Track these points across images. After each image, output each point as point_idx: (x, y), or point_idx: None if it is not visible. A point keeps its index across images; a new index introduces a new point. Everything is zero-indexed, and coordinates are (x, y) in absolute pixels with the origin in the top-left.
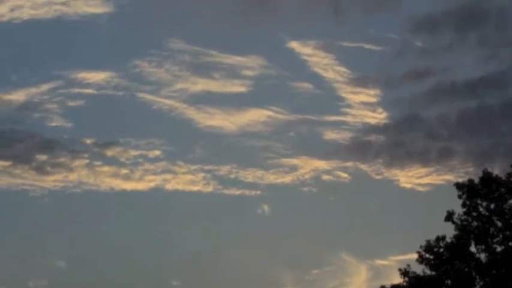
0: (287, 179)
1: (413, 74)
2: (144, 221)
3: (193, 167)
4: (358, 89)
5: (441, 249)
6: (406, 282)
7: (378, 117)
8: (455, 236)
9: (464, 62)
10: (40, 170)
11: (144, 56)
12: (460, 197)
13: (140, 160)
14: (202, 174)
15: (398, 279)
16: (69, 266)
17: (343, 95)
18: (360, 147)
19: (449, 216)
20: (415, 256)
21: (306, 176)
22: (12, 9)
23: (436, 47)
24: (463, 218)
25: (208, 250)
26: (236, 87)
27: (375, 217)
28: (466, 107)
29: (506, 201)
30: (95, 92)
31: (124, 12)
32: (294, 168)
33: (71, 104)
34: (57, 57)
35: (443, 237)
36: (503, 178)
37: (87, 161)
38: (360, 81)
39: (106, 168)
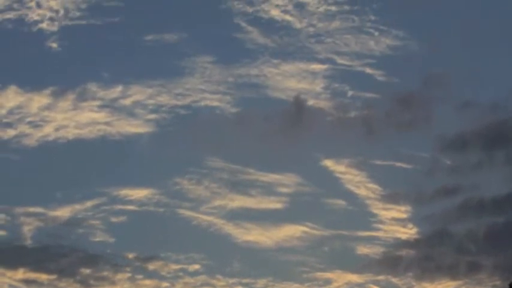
0: None
1: (443, 191)
2: None
3: (231, 281)
4: (389, 206)
5: None
6: None
7: (409, 232)
8: None
9: (492, 179)
10: (84, 283)
11: (184, 174)
12: None
13: (180, 274)
14: None
15: None
16: None
17: (375, 211)
18: (391, 261)
19: None
20: None
21: None
22: (57, 129)
23: (465, 165)
24: None
25: None
26: (272, 204)
27: None
28: (493, 223)
29: None
30: (136, 208)
31: (165, 132)
32: (328, 282)
33: (114, 220)
34: (100, 175)
35: None
36: None
37: (129, 274)
38: (391, 198)
39: (147, 282)
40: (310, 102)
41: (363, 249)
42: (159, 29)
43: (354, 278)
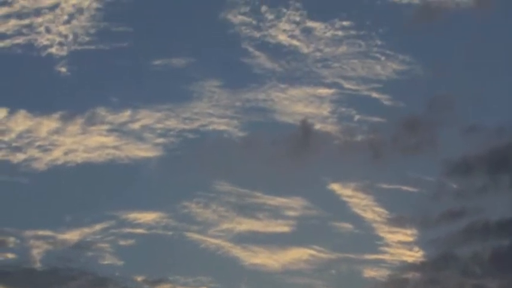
0: None
1: (449, 214)
2: None
3: None
4: (395, 229)
5: None
6: None
7: (415, 255)
8: None
9: (497, 203)
10: None
11: (191, 197)
12: None
13: None
14: None
15: None
16: None
17: (382, 234)
18: (397, 284)
19: None
20: None
21: None
22: (66, 153)
23: (471, 189)
24: None
25: None
26: (280, 227)
27: None
28: (499, 246)
29: None
30: (145, 231)
31: (173, 156)
32: None
33: (123, 243)
34: (109, 199)
35: None
36: None
37: None
38: (398, 221)
39: None
40: (317, 126)
41: (369, 272)
42: (167, 53)
43: None
